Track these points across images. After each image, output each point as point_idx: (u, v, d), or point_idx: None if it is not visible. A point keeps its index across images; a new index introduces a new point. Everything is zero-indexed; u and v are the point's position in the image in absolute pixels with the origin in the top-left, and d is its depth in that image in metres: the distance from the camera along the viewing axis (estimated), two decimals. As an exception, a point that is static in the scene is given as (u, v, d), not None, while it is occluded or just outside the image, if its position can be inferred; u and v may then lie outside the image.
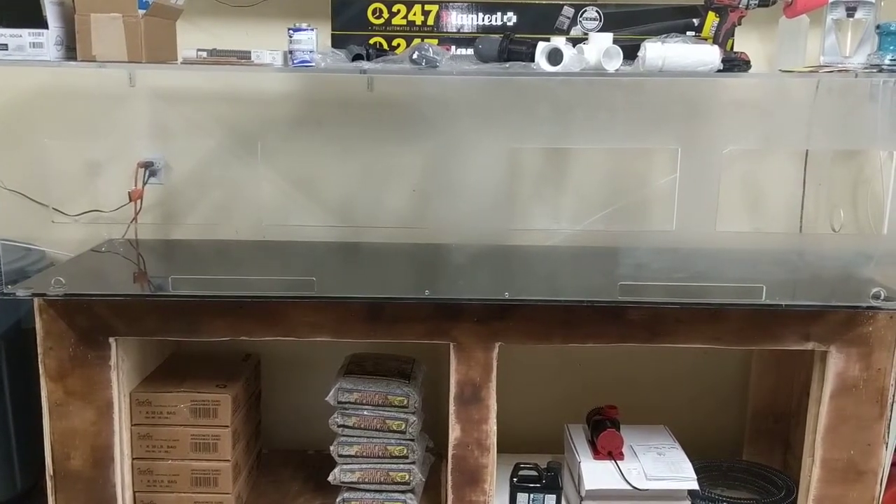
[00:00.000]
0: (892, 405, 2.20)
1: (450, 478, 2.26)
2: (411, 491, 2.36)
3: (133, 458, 2.30)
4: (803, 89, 2.35)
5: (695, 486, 2.28)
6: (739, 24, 2.31)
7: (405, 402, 2.32)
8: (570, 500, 2.39)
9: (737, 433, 2.71)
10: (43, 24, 2.03)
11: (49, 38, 2.04)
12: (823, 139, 2.42)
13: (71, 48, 2.08)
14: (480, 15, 2.40)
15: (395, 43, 2.40)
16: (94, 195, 2.57)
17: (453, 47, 2.40)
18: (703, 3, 2.27)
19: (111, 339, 2.16)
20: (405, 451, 2.33)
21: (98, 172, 2.59)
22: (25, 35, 2.04)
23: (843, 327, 2.15)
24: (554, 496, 2.29)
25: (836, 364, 2.17)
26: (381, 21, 2.39)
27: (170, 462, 2.31)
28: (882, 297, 2.09)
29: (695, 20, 2.35)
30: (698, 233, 2.38)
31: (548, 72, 2.08)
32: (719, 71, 2.10)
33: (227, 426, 2.31)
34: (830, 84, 2.31)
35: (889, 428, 2.22)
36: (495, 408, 2.22)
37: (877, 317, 2.14)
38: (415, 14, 2.39)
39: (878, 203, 2.53)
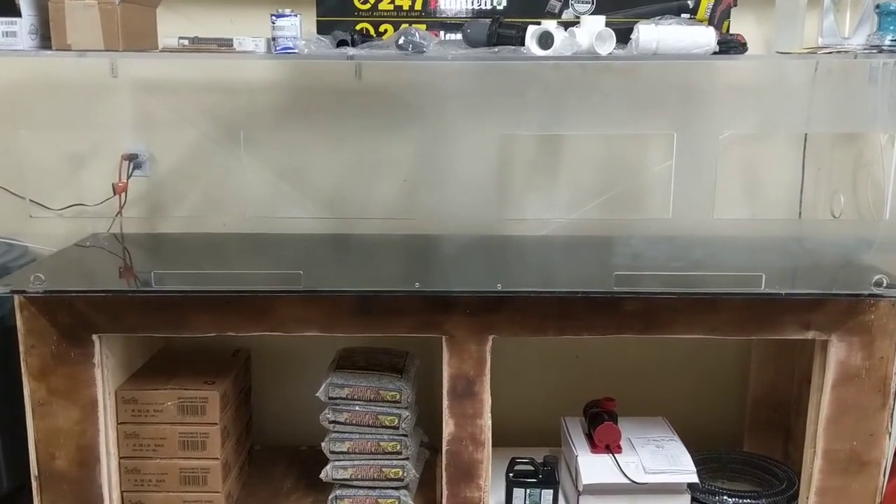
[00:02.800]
0: (895, 395, 2.16)
1: (444, 474, 2.22)
2: (405, 487, 2.32)
3: (120, 458, 2.25)
4: (801, 71, 2.30)
5: (694, 479, 2.24)
6: (735, 5, 2.27)
7: (397, 396, 2.27)
8: (567, 494, 2.35)
9: (737, 424, 2.67)
10: (16, 13, 1.98)
11: (23, 27, 1.99)
12: (822, 122, 2.38)
13: (46, 37, 2.03)
14: (470, -2, 2.34)
15: (382, 29, 2.35)
16: (79, 189, 2.53)
17: (442, 32, 2.35)
18: (698, -16, 2.23)
19: (94, 336, 2.11)
20: (398, 447, 2.29)
21: (82, 165, 2.54)
22: (-2, 24, 1.99)
23: (845, 316, 2.10)
24: (551, 491, 2.25)
25: (837, 353, 2.12)
26: (368, 6, 2.34)
27: (157, 461, 2.26)
28: (884, 285, 2.04)
29: (689, 2, 2.30)
30: (695, 220, 2.33)
31: (538, 56, 2.02)
32: (715, 53, 2.05)
33: (215, 423, 2.26)
34: (830, 66, 2.26)
35: (892, 418, 2.17)
36: (490, 402, 2.17)
37: (879, 304, 2.09)
38: (402, -2, 2.33)
39: (878, 188, 2.48)
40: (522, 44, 2.05)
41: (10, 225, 2.45)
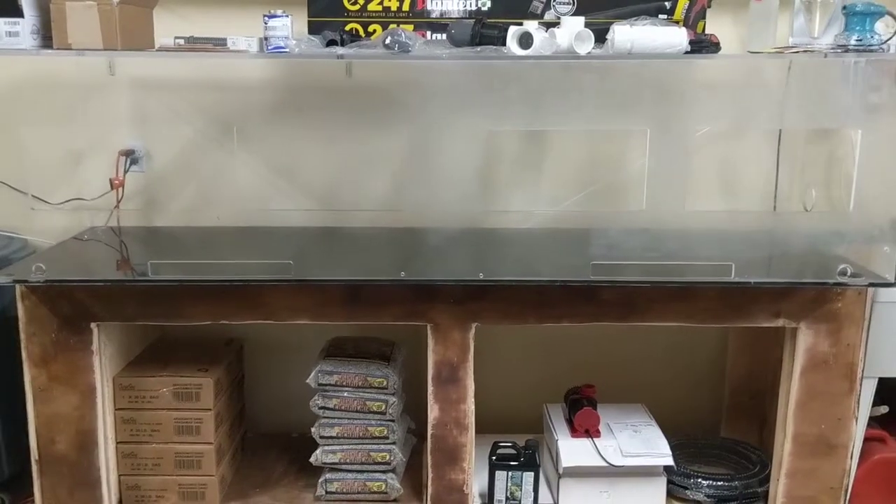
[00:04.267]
0: (862, 380, 2.24)
1: (429, 457, 2.30)
2: (392, 471, 2.40)
3: (117, 442, 2.33)
4: (774, 70, 2.38)
5: (670, 462, 2.32)
6: (709, 6, 2.34)
7: (384, 383, 2.35)
8: (548, 477, 2.44)
9: (715, 410, 2.75)
10: (18, 13, 2.06)
11: (25, 27, 2.07)
12: (795, 119, 2.45)
13: (47, 37, 2.11)
14: (455, 0, 2.42)
15: (370, 29, 2.42)
16: (77, 183, 2.59)
17: (429, 32, 2.42)
18: (674, -14, 2.30)
19: (93, 325, 2.19)
20: (385, 432, 2.37)
21: (79, 161, 2.61)
22: (1, 24, 2.06)
23: (813, 304, 2.19)
24: (532, 473, 2.33)
25: (806, 340, 2.21)
26: (357, 7, 2.41)
27: (153, 445, 2.34)
28: (849, 274, 2.12)
29: (667, 3, 2.37)
30: (669, 213, 2.40)
31: (519, 56, 2.10)
32: (687, 53, 2.13)
33: (209, 409, 2.34)
34: (802, 64, 2.34)
35: (859, 403, 2.26)
36: (473, 387, 2.25)
37: (846, 293, 2.17)
38: (390, 0, 2.41)
39: (850, 182, 2.56)
40: (504, 44, 2.13)
41: (10, 218, 2.51)
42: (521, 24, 2.16)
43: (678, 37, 2.09)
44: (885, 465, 2.43)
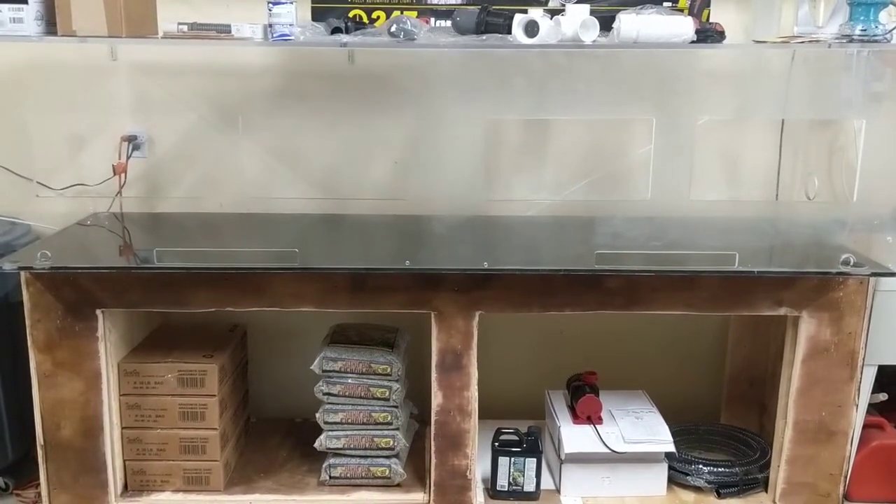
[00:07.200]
0: (863, 368, 2.26)
1: (433, 443, 2.31)
2: (396, 456, 2.42)
3: (122, 428, 2.34)
4: (778, 59, 2.38)
5: (671, 448, 2.34)
6: (714, -6, 2.34)
7: (388, 370, 2.37)
8: (550, 463, 2.46)
9: (715, 397, 2.77)
10: (23, -1, 2.05)
11: (29, 13, 2.06)
12: (797, 108, 2.46)
13: (51, 23, 2.10)
14: (458, -14, 2.42)
15: (374, 15, 2.42)
16: (79, 169, 2.59)
17: (433, 19, 2.42)
18: (678, -26, 2.30)
19: (98, 311, 2.20)
20: (389, 418, 2.39)
21: (82, 146, 2.61)
22: (5, 10, 2.05)
23: (815, 293, 2.20)
24: (534, 459, 2.35)
25: (807, 328, 2.23)
26: (361, -7, 2.41)
27: (158, 431, 2.35)
28: (851, 263, 2.14)
29: (671, -9, 2.38)
30: (673, 202, 2.41)
31: (525, 44, 2.10)
32: (693, 42, 2.13)
33: (214, 395, 2.35)
34: (806, 54, 2.34)
35: (859, 390, 2.28)
36: (476, 375, 2.27)
37: (847, 282, 2.19)
38: (394, -14, 2.41)
39: (852, 171, 2.56)
40: (509, 31, 2.13)
41: (13, 204, 2.51)
42: (525, 11, 2.16)
43: (684, 26, 2.09)
44: (884, 451, 2.45)
